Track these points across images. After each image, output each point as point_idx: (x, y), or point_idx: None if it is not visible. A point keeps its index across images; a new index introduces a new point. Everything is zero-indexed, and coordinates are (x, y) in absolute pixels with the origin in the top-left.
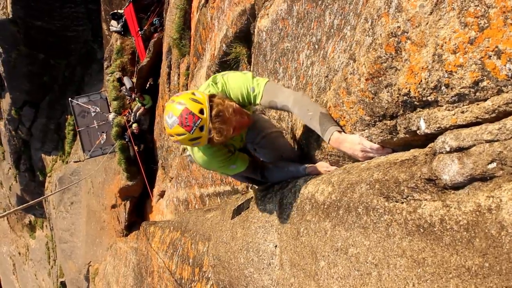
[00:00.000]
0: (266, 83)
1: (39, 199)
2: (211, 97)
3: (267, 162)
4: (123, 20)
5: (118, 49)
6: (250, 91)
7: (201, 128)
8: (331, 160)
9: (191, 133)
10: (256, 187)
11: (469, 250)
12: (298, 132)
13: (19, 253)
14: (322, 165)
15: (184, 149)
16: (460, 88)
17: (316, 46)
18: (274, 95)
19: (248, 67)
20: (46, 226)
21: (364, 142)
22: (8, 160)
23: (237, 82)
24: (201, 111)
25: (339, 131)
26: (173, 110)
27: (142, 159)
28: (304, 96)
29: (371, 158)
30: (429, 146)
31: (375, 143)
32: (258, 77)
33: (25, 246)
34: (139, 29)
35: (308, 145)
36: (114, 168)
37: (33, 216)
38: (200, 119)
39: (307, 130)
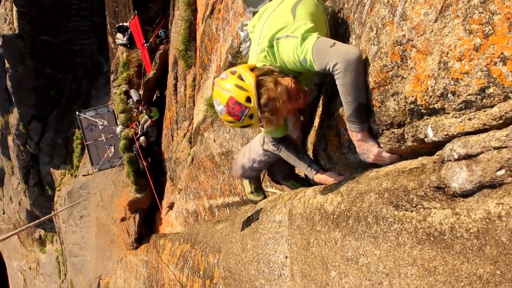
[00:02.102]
0: (314, 46)
1: (50, 215)
2: (262, 75)
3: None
4: (129, 32)
5: (124, 62)
6: (302, 63)
7: (251, 117)
8: (339, 169)
9: (240, 121)
10: (262, 199)
11: (480, 257)
12: (312, 134)
13: (30, 268)
14: (331, 176)
15: None
16: (467, 95)
17: None
18: (322, 61)
19: None
20: (56, 240)
21: (383, 155)
22: (17, 175)
23: (287, 52)
24: (248, 99)
25: (365, 133)
26: (219, 97)
27: (150, 171)
28: (351, 72)
29: (381, 164)
30: (437, 153)
31: (382, 151)
32: (309, 34)
33: (36, 261)
34: (144, 41)
35: (316, 154)
36: (123, 181)
37: (43, 231)
38: (248, 108)
39: (318, 138)
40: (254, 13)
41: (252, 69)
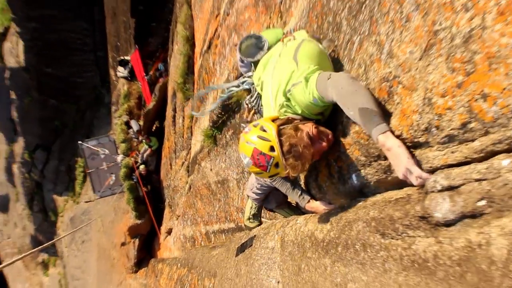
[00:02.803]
0: (317, 85)
1: (53, 240)
2: (283, 124)
3: None
4: (130, 66)
5: (125, 94)
6: (314, 103)
7: (276, 165)
8: (330, 198)
9: (267, 171)
10: (257, 226)
11: (462, 284)
12: None
13: None
14: (321, 205)
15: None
16: (450, 130)
17: None
18: (326, 95)
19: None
20: (58, 264)
21: (411, 168)
22: (21, 201)
23: (300, 98)
24: (272, 149)
25: (384, 133)
26: (244, 151)
27: (149, 198)
28: (341, 86)
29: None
30: None
31: (370, 182)
32: (310, 75)
33: (39, 284)
34: (145, 74)
35: (307, 184)
36: (123, 208)
37: (46, 255)
38: (273, 158)
39: (309, 169)
40: (254, 64)
41: (274, 120)
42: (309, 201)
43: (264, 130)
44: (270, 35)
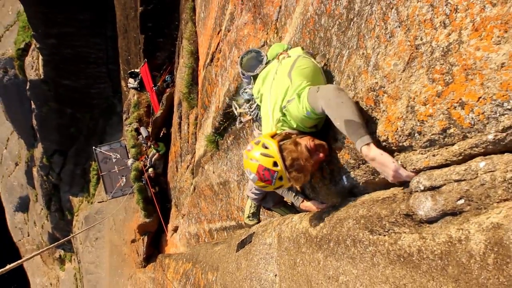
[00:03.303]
0: (308, 99)
1: (69, 237)
2: (282, 140)
3: None
4: (139, 77)
5: (135, 103)
6: (308, 116)
7: (280, 179)
8: (322, 198)
9: (272, 185)
10: (256, 224)
11: (444, 276)
12: None
13: (51, 284)
14: (315, 204)
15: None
16: (431, 135)
17: None
18: (317, 107)
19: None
20: (74, 259)
21: (399, 170)
22: (40, 202)
23: (295, 113)
24: (275, 164)
25: (367, 144)
26: (250, 167)
27: (157, 198)
28: (329, 98)
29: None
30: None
31: (359, 183)
32: (302, 90)
33: (56, 278)
34: (153, 85)
35: (302, 185)
36: (133, 207)
37: (62, 251)
38: (277, 172)
39: None
40: (254, 77)
41: (273, 135)
42: (303, 201)
43: (266, 147)
44: (272, 50)
